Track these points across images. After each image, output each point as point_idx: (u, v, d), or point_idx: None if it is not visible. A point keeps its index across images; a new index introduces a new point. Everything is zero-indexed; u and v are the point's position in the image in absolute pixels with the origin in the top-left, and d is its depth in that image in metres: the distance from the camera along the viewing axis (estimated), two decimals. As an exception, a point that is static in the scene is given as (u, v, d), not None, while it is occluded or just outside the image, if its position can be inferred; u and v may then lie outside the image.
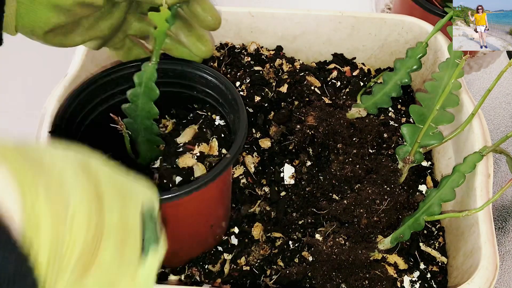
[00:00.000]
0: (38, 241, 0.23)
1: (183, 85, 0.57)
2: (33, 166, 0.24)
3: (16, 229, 0.22)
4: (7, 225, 0.21)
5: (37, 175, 0.23)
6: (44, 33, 0.44)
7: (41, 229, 0.23)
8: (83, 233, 0.26)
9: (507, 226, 0.68)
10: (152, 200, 0.33)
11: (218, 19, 0.52)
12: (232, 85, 0.54)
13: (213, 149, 0.52)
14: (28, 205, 0.22)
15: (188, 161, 0.50)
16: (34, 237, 0.22)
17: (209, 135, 0.54)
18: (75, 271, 0.25)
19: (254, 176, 0.63)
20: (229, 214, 0.60)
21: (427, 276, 0.55)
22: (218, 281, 0.56)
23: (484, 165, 0.53)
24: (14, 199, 0.22)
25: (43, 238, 0.23)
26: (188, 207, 0.49)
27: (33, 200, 0.23)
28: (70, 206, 0.25)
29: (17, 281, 0.21)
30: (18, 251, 0.21)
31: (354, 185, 0.59)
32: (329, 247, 0.53)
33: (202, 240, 0.56)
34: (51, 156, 0.26)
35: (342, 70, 0.75)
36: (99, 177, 0.28)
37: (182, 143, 0.53)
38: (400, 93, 0.66)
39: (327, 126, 0.63)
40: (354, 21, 0.72)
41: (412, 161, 0.58)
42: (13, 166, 0.23)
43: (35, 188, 0.23)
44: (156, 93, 0.50)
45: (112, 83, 0.55)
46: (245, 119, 0.50)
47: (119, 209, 0.29)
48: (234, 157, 0.47)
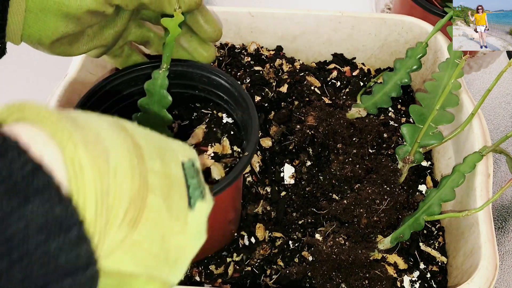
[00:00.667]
0: (83, 194, 0.22)
1: (184, 85, 0.57)
2: (68, 123, 0.23)
3: (59, 182, 0.21)
4: (51, 177, 0.21)
5: (73, 130, 0.23)
6: (51, 42, 0.44)
7: (85, 181, 0.22)
8: (128, 184, 0.25)
9: (507, 226, 0.68)
10: (192, 154, 0.32)
11: (219, 32, 0.53)
12: (237, 82, 0.54)
13: (226, 148, 0.52)
14: (68, 158, 0.22)
15: (206, 162, 0.51)
16: (79, 189, 0.22)
17: (219, 134, 0.54)
18: (123, 225, 0.25)
19: (258, 175, 0.63)
20: (240, 211, 0.60)
21: (427, 276, 0.55)
22: (218, 281, 0.56)
23: (484, 165, 0.53)
24: (54, 154, 0.22)
25: (88, 191, 0.22)
26: (217, 203, 0.49)
27: (73, 153, 0.22)
28: (111, 158, 0.24)
29: (64, 233, 0.20)
30: (64, 203, 0.21)
31: (354, 185, 0.59)
32: (329, 247, 0.53)
33: (221, 236, 0.57)
34: (86, 116, 0.26)
35: (342, 70, 0.75)
36: (135, 134, 0.28)
37: (193, 145, 0.53)
38: (400, 93, 0.66)
39: (327, 126, 0.63)
40: (354, 21, 0.72)
41: (412, 161, 0.58)
42: (49, 124, 0.22)
43: (73, 142, 0.22)
44: (169, 100, 0.50)
45: (119, 88, 0.55)
46: (256, 116, 0.50)
47: (160, 159, 0.28)
48: (252, 155, 0.47)
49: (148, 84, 0.50)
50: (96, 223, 0.22)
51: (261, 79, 0.70)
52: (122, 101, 0.56)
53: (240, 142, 0.54)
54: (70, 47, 0.47)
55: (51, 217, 0.20)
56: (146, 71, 0.55)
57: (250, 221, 0.59)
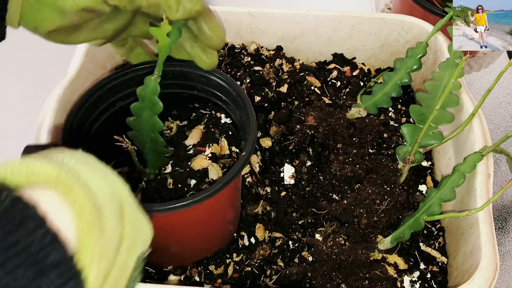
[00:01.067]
0: (90, 266, 0.25)
1: (183, 85, 0.57)
2: (78, 186, 0.26)
3: (73, 251, 0.24)
4: (66, 250, 0.23)
5: (86, 199, 0.26)
6: (47, 32, 0.44)
7: (93, 254, 0.25)
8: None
9: (507, 226, 0.68)
10: (148, 240, 0.35)
11: (222, 40, 0.52)
12: (235, 82, 0.53)
13: (223, 149, 0.52)
14: (80, 228, 0.25)
15: (203, 163, 0.50)
16: (87, 260, 0.25)
17: (217, 134, 0.53)
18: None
19: (258, 175, 0.63)
20: (240, 211, 0.60)
21: (427, 276, 0.55)
22: (218, 281, 0.56)
23: (484, 165, 0.53)
24: (68, 221, 0.25)
25: (94, 263, 0.25)
26: (214, 204, 0.50)
27: (85, 222, 0.25)
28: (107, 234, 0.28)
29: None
30: (75, 278, 0.24)
31: (354, 185, 0.59)
32: (329, 247, 0.53)
33: (220, 236, 0.57)
34: (88, 178, 0.28)
35: (342, 70, 0.75)
36: (127, 222, 0.30)
37: (191, 145, 0.53)
38: (400, 93, 0.66)
39: (327, 126, 0.63)
40: (354, 21, 0.72)
41: (412, 161, 0.58)
42: (62, 188, 0.25)
43: (85, 214, 0.26)
44: (160, 106, 0.49)
45: (116, 89, 0.55)
46: (254, 116, 0.50)
47: (128, 252, 0.31)
48: (249, 156, 0.47)
49: (140, 90, 0.50)
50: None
51: (261, 79, 0.70)
52: (121, 101, 0.56)
53: (238, 143, 0.54)
54: (67, 37, 0.47)
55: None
56: (145, 71, 0.55)
57: (250, 221, 0.59)
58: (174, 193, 0.49)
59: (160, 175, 0.51)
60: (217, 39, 0.51)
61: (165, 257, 0.56)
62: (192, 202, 0.43)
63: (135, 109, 0.51)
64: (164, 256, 0.56)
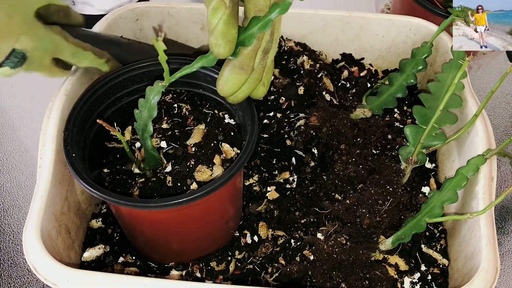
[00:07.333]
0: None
1: (189, 84, 0.57)
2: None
3: None
4: None
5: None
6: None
7: None
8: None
9: (507, 226, 0.68)
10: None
11: (223, 93, 0.50)
12: None
13: (228, 153, 0.52)
14: None
15: (204, 176, 0.50)
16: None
17: (219, 135, 0.54)
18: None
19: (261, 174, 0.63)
20: (241, 211, 0.60)
21: (427, 278, 0.55)
22: (220, 277, 0.56)
23: (487, 168, 0.53)
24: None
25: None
26: (212, 202, 0.51)
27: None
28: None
29: None
30: None
31: (357, 185, 0.59)
32: (330, 247, 0.53)
33: (218, 235, 0.57)
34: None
35: (351, 70, 0.75)
36: None
37: (193, 144, 0.53)
38: (406, 94, 0.66)
39: (330, 126, 0.63)
40: (362, 22, 0.72)
41: (415, 162, 0.58)
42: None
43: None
44: (155, 113, 0.48)
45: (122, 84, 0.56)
46: (255, 115, 0.50)
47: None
48: (249, 155, 0.47)
49: (148, 90, 0.49)
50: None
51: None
52: (127, 96, 0.57)
53: (240, 144, 0.54)
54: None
55: None
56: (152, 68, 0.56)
57: (253, 219, 0.60)
58: (173, 190, 0.49)
59: (160, 173, 0.51)
60: (265, 91, 0.51)
61: (166, 253, 0.56)
62: (188, 200, 0.44)
63: (140, 104, 0.51)
64: (165, 252, 0.56)
